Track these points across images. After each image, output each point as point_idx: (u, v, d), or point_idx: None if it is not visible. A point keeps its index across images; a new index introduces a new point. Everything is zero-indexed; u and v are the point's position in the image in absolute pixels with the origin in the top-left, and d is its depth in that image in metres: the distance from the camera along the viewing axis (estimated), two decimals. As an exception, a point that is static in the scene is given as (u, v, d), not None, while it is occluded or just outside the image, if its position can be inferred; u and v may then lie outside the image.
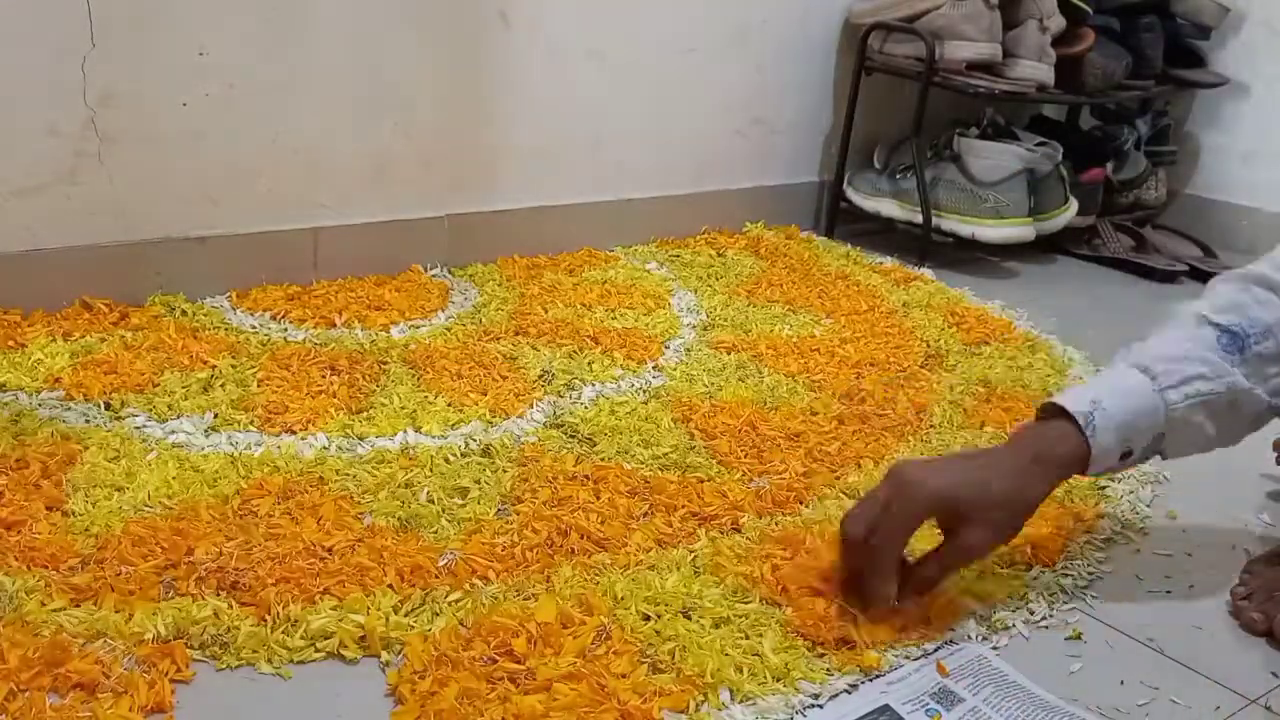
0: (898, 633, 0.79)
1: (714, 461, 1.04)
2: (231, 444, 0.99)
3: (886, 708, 0.73)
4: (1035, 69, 1.72)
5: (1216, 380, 0.82)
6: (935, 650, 0.79)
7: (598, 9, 1.55)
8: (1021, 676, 0.76)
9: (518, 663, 0.72)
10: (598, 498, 0.95)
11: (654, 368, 1.24)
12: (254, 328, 1.24)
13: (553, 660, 0.73)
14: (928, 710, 0.73)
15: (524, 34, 1.48)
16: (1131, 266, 1.84)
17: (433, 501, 0.92)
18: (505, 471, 0.98)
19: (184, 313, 1.25)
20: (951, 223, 1.76)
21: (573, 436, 1.06)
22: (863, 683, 0.75)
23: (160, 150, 1.23)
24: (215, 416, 1.03)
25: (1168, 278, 1.81)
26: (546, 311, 1.38)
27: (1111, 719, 0.74)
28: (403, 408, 1.08)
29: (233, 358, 1.15)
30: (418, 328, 1.29)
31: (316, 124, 1.34)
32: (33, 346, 1.12)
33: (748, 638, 0.78)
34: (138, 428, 1.00)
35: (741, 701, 0.72)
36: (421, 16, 1.37)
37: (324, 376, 1.13)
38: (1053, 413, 0.84)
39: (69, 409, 1.02)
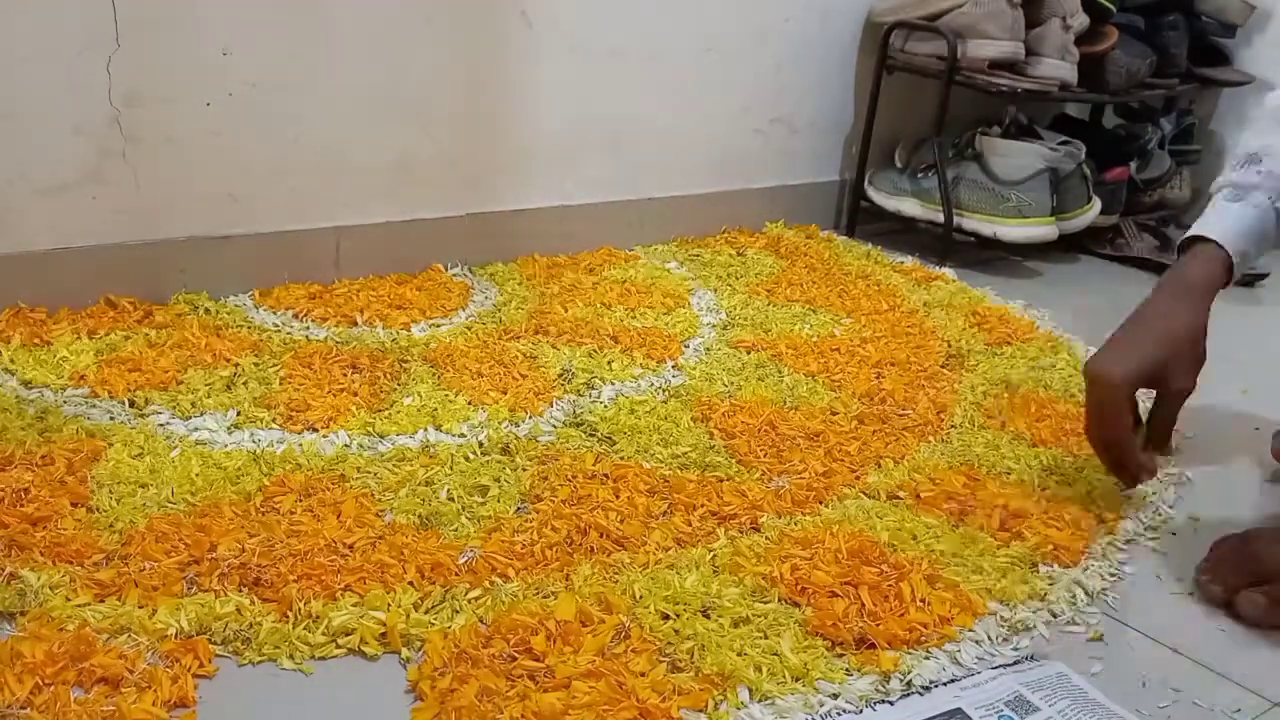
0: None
1: (733, 461, 1.03)
2: (254, 441, 1.00)
3: (959, 711, 0.72)
4: (1058, 67, 1.71)
5: None
6: (1014, 664, 0.78)
7: (618, 8, 1.55)
8: (1100, 694, 0.75)
9: (537, 660, 0.73)
10: (617, 496, 0.95)
11: (673, 367, 1.24)
12: (276, 326, 1.25)
13: (572, 658, 0.73)
14: (1001, 716, 0.72)
15: (545, 33, 1.48)
16: (1155, 266, 1.83)
17: (453, 499, 0.93)
18: (525, 470, 0.98)
19: (207, 311, 1.26)
20: (973, 222, 1.75)
21: (592, 435, 1.06)
22: (935, 686, 0.75)
23: (184, 149, 1.24)
24: (238, 414, 1.04)
25: (1192, 278, 1.79)
26: (566, 310, 1.38)
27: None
28: (423, 406, 1.08)
29: (255, 356, 1.16)
30: (438, 326, 1.30)
31: (338, 123, 1.35)
32: (58, 344, 1.13)
33: (766, 637, 0.78)
34: (161, 425, 1.01)
35: (760, 701, 0.72)
36: (443, 16, 1.38)
37: (345, 375, 1.14)
38: (1187, 244, 0.97)
39: (94, 406, 1.03)
